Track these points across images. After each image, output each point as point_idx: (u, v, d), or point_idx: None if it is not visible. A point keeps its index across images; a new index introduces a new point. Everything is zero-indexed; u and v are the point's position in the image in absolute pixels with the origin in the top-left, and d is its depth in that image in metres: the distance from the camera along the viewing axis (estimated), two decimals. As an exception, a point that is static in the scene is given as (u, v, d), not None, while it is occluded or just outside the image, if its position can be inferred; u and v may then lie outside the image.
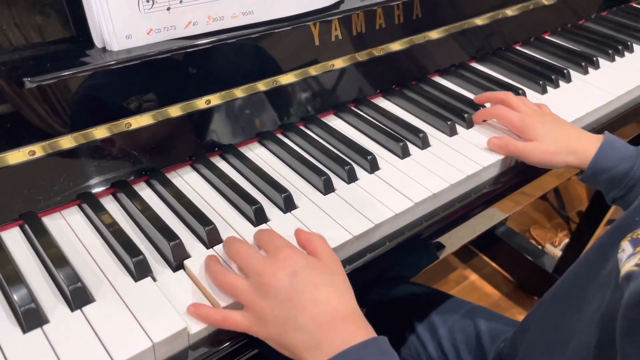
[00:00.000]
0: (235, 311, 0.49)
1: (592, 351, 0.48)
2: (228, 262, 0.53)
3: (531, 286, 1.58)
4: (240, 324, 0.48)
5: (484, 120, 0.79)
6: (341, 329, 0.46)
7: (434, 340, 0.83)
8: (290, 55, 0.70)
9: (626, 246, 0.46)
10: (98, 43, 0.54)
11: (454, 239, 0.73)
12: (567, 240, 1.66)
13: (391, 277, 0.73)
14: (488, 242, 1.65)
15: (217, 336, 0.50)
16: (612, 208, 1.39)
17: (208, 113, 0.65)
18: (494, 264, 1.64)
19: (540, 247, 1.69)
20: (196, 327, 0.48)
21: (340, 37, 0.73)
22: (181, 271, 0.53)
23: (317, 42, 0.71)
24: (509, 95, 0.78)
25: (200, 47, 0.60)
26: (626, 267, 0.43)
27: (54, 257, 0.51)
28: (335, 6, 0.70)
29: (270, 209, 0.60)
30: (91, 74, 0.54)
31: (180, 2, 0.54)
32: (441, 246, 0.72)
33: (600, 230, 1.43)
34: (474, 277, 1.63)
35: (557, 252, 1.65)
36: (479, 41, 0.94)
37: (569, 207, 1.83)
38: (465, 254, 1.66)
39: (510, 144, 0.71)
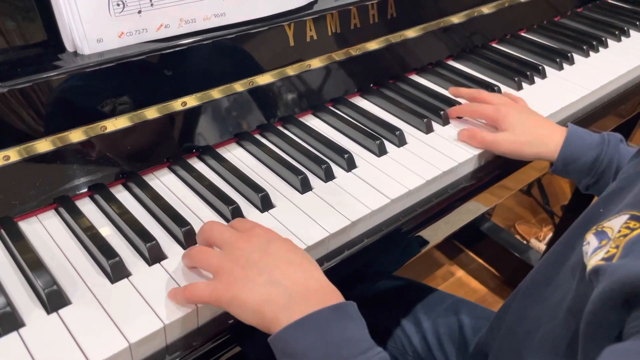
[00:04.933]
0: (198, 282, 0.48)
1: (558, 343, 0.48)
2: None
3: (517, 281, 1.58)
4: (203, 290, 0.47)
5: (459, 117, 0.80)
6: (315, 288, 0.46)
7: (418, 333, 0.84)
8: (266, 56, 0.70)
9: (591, 239, 0.45)
10: (69, 47, 0.54)
11: (435, 234, 0.74)
12: (551, 235, 1.68)
13: (373, 272, 0.74)
14: (474, 238, 1.67)
15: (195, 334, 0.50)
16: (594, 201, 1.40)
17: (185, 115, 0.66)
18: (480, 260, 1.66)
19: (525, 242, 1.71)
20: (170, 317, 0.48)
21: (315, 37, 0.74)
22: (157, 273, 0.53)
23: (292, 43, 0.71)
24: (481, 92, 0.79)
25: (175, 49, 0.61)
26: (592, 261, 0.43)
27: (30, 262, 0.51)
28: (308, 7, 0.70)
29: (247, 209, 0.61)
30: (63, 77, 0.54)
31: (152, 5, 0.54)
32: (422, 240, 0.73)
33: (582, 224, 1.45)
34: (460, 273, 1.64)
35: (542, 247, 1.67)
36: (456, 39, 0.96)
37: (553, 202, 1.85)
38: (451, 251, 1.67)
39: (478, 134, 0.73)
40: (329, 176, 0.66)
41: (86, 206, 0.60)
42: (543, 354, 0.51)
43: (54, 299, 0.48)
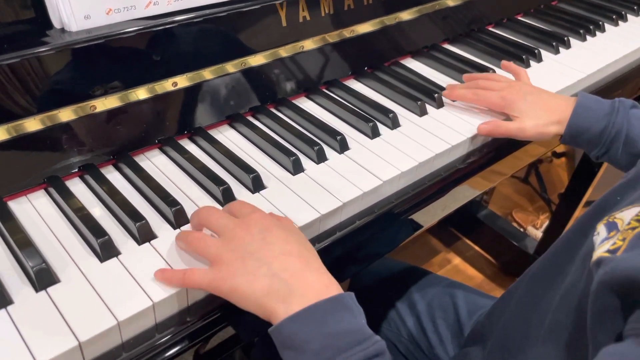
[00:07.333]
0: (196, 268, 0.48)
1: (567, 332, 0.48)
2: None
3: (514, 268, 1.60)
4: (202, 279, 0.47)
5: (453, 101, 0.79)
6: (313, 280, 0.46)
7: (412, 315, 0.84)
8: (258, 36, 0.70)
9: (601, 229, 0.45)
10: (56, 24, 0.53)
11: (428, 217, 0.74)
12: (548, 222, 1.68)
13: (365, 253, 0.74)
14: (471, 225, 1.66)
15: (185, 313, 0.50)
16: (591, 189, 1.40)
17: (176, 95, 0.65)
18: (477, 247, 1.66)
19: (522, 229, 1.71)
20: (159, 296, 0.48)
21: (308, 18, 0.73)
22: (147, 252, 0.53)
23: (284, 23, 0.71)
24: (478, 81, 0.78)
25: (164, 27, 0.60)
26: (598, 252, 0.42)
27: (19, 241, 0.51)
28: (301, -14, 0.70)
29: (239, 190, 0.61)
30: (50, 54, 0.53)
31: (140, -19, 0.54)
32: (415, 223, 0.73)
33: (578, 212, 1.45)
34: (457, 260, 1.64)
35: (539, 234, 1.67)
36: (451, 22, 0.95)
37: (550, 190, 1.85)
38: (448, 238, 1.67)
39: (501, 126, 0.72)
40: (321, 158, 0.66)
41: (76, 186, 0.59)
42: (550, 343, 0.50)
43: (42, 277, 0.48)
